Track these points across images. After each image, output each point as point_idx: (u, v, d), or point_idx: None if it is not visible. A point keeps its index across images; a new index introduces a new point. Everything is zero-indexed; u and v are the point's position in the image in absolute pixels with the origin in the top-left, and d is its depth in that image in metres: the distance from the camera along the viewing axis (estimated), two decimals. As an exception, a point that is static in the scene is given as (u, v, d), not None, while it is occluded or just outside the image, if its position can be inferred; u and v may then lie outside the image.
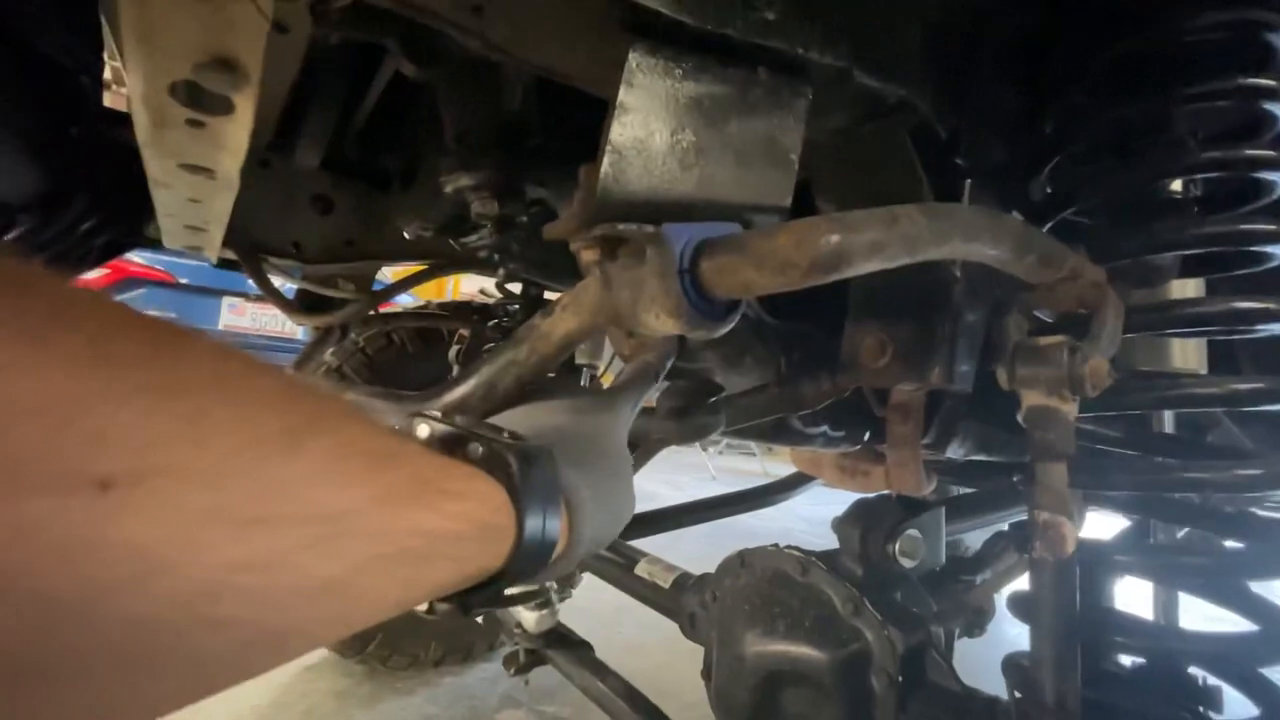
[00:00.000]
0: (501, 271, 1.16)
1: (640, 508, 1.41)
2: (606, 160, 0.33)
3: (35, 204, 0.62)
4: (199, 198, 0.55)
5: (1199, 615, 0.62)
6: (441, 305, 1.58)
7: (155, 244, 1.13)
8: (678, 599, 0.92)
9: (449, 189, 0.62)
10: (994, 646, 0.83)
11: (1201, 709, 0.55)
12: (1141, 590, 0.69)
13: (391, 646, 1.61)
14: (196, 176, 0.48)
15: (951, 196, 0.54)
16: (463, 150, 0.60)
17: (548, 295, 1.39)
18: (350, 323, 1.25)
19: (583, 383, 1.58)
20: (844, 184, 0.51)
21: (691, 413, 0.61)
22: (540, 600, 0.84)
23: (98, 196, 0.72)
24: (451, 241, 0.90)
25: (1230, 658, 0.55)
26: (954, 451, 1.29)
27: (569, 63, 0.38)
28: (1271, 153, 0.45)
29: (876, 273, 0.54)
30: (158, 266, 3.26)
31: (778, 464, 6.36)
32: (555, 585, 0.88)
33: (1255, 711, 0.55)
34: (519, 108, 0.58)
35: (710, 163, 0.35)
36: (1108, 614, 0.64)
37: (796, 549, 0.75)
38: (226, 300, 3.46)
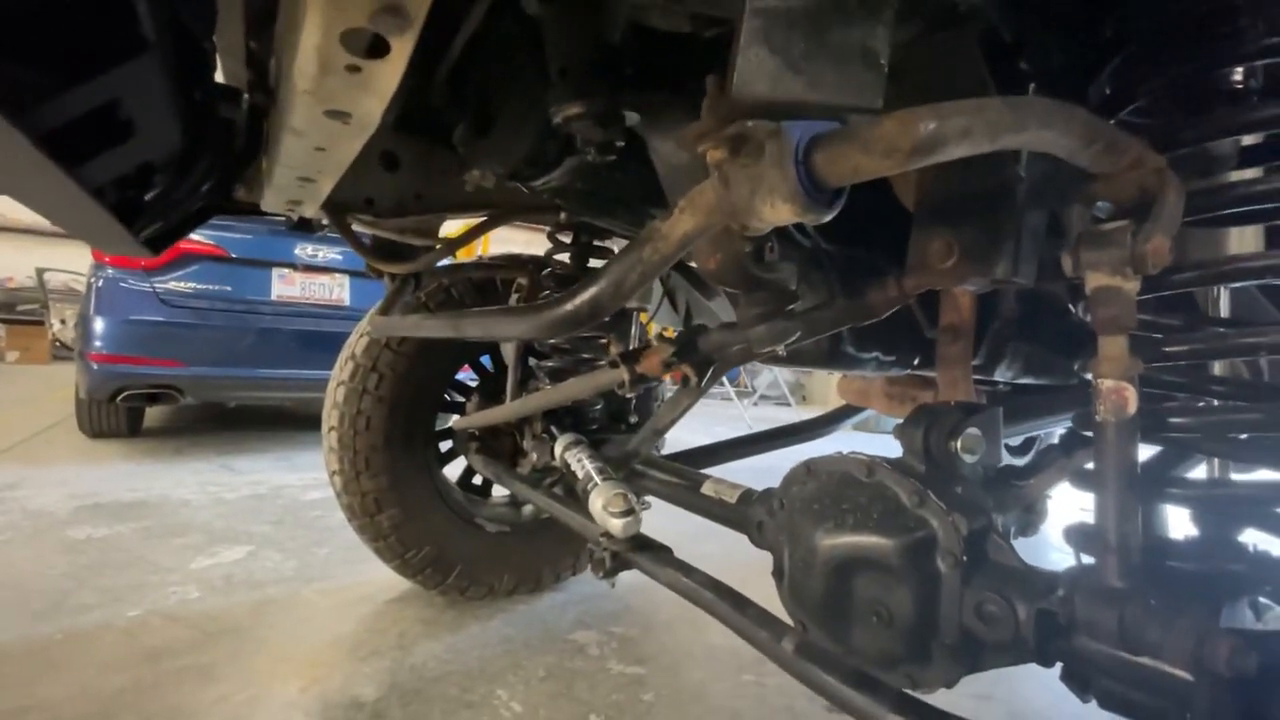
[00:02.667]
0: (563, 215, 1.22)
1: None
2: (736, 67, 0.38)
3: (171, 164, 0.70)
4: (327, 145, 0.62)
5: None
6: (494, 258, 1.65)
7: (234, 209, 1.22)
8: (744, 511, 0.99)
9: (559, 118, 0.67)
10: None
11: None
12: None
13: (470, 577, 1.74)
14: (334, 122, 0.54)
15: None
16: (568, 83, 0.65)
17: (597, 243, 1.45)
18: (425, 271, 1.33)
19: (631, 325, 1.65)
20: (920, 89, 0.55)
21: (772, 318, 0.66)
22: (625, 508, 0.93)
23: (216, 158, 0.79)
24: (521, 186, 0.96)
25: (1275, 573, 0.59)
26: (1002, 373, 1.33)
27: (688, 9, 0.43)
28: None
29: (945, 179, 0.59)
30: (210, 242, 3.41)
31: (811, 412, 6.42)
32: (635, 495, 0.96)
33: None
34: (618, 40, 0.63)
35: (816, 68, 0.40)
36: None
37: (861, 453, 0.81)
38: (276, 271, 3.60)
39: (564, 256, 1.44)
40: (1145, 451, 0.76)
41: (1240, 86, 0.54)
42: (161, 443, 3.77)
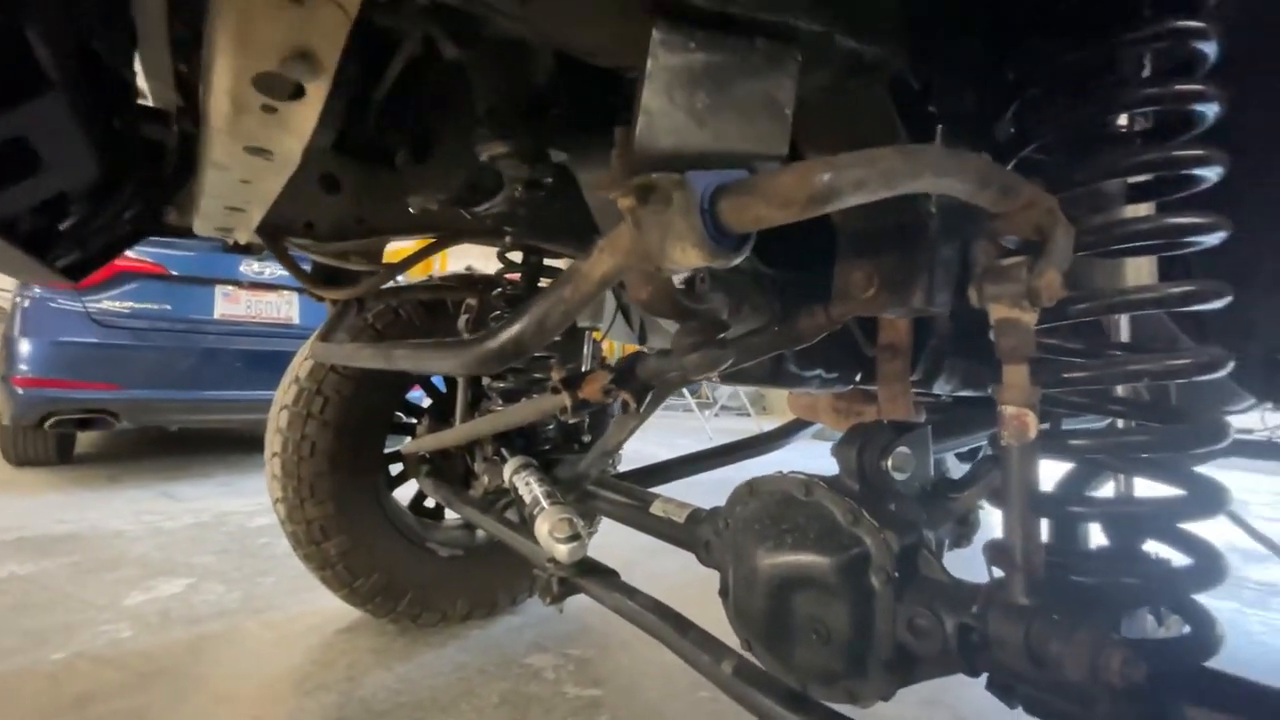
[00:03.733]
0: (506, 240, 1.22)
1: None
2: (639, 122, 0.40)
3: (89, 193, 0.67)
4: (251, 179, 0.61)
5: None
6: (444, 278, 1.63)
7: (166, 232, 1.18)
8: (693, 530, 1.00)
9: (484, 157, 0.68)
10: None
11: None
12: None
13: (422, 604, 1.70)
14: (255, 158, 0.53)
15: (925, 141, 0.61)
16: (495, 121, 0.66)
17: (547, 262, 1.45)
18: (367, 295, 1.31)
19: (584, 345, 1.66)
20: (829, 135, 0.57)
21: (704, 347, 0.68)
22: (571, 534, 0.93)
23: (138, 185, 0.77)
24: (463, 212, 0.96)
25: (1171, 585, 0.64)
26: (940, 387, 1.38)
27: (598, 41, 0.44)
28: (1197, 87, 0.52)
29: (863, 214, 0.61)
30: (148, 259, 3.27)
31: (772, 422, 6.51)
32: (583, 519, 0.96)
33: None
34: (544, 81, 0.64)
35: (720, 120, 0.41)
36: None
37: (800, 473, 0.83)
38: (220, 289, 3.47)
39: (516, 275, 1.44)
40: (1062, 468, 0.80)
41: (1125, 130, 0.58)
42: (95, 470, 3.58)
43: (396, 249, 1.44)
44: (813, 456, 1.27)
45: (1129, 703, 0.49)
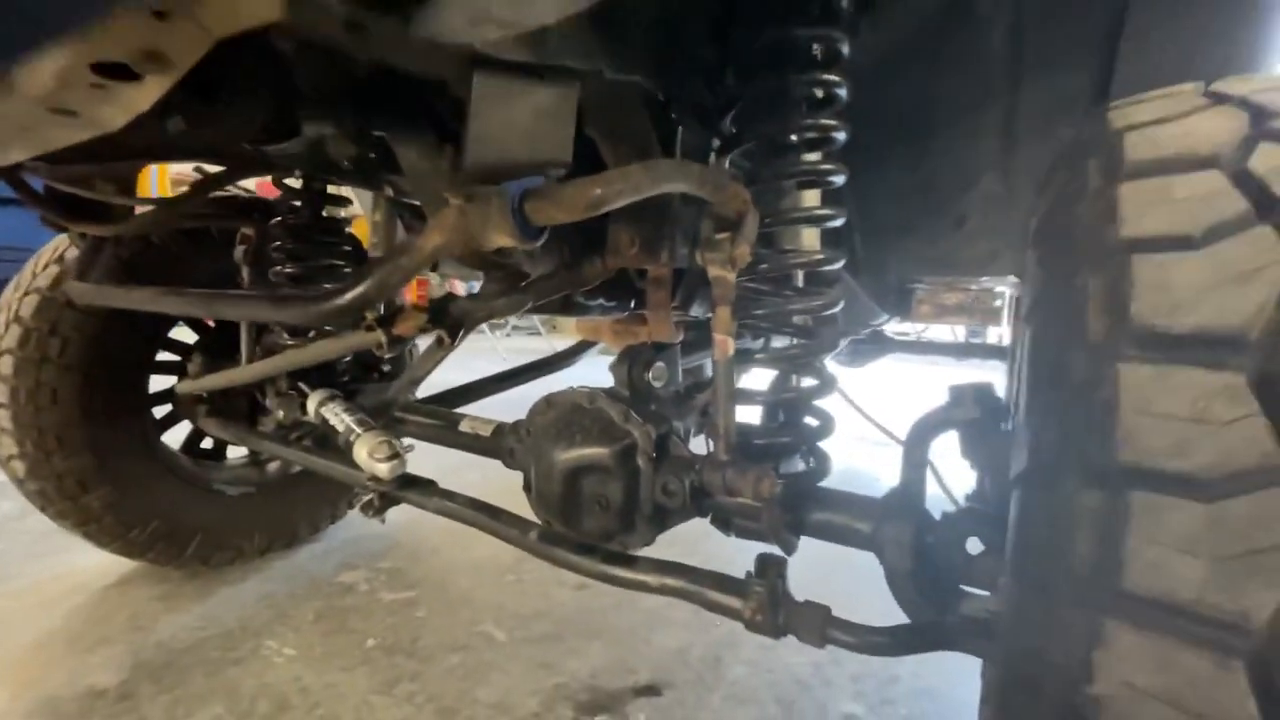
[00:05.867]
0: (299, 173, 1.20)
1: (443, 389, 1.62)
2: (468, 146, 0.53)
3: None
4: (32, 127, 0.57)
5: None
6: (214, 199, 1.49)
7: None
8: (498, 441, 1.19)
9: (311, 134, 0.71)
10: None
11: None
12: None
13: (213, 545, 1.66)
14: (57, 115, 0.52)
15: (672, 136, 0.82)
16: (320, 102, 0.69)
17: (331, 190, 1.43)
18: (130, 230, 1.18)
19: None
20: (608, 137, 0.75)
21: (509, 293, 0.84)
22: (391, 453, 1.05)
23: None
24: (254, 147, 0.94)
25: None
26: (695, 310, 1.72)
27: (429, 72, 0.54)
28: (833, 121, 0.80)
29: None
30: None
31: (562, 340, 6.84)
32: (398, 440, 1.09)
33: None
34: (370, 74, 0.69)
35: (525, 139, 0.56)
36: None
37: (586, 387, 1.05)
38: None
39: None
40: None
41: (793, 143, 0.86)
42: None
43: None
44: (597, 369, 1.52)
45: (779, 510, 0.81)
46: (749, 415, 0.97)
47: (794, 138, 0.85)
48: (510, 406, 1.28)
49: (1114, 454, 0.35)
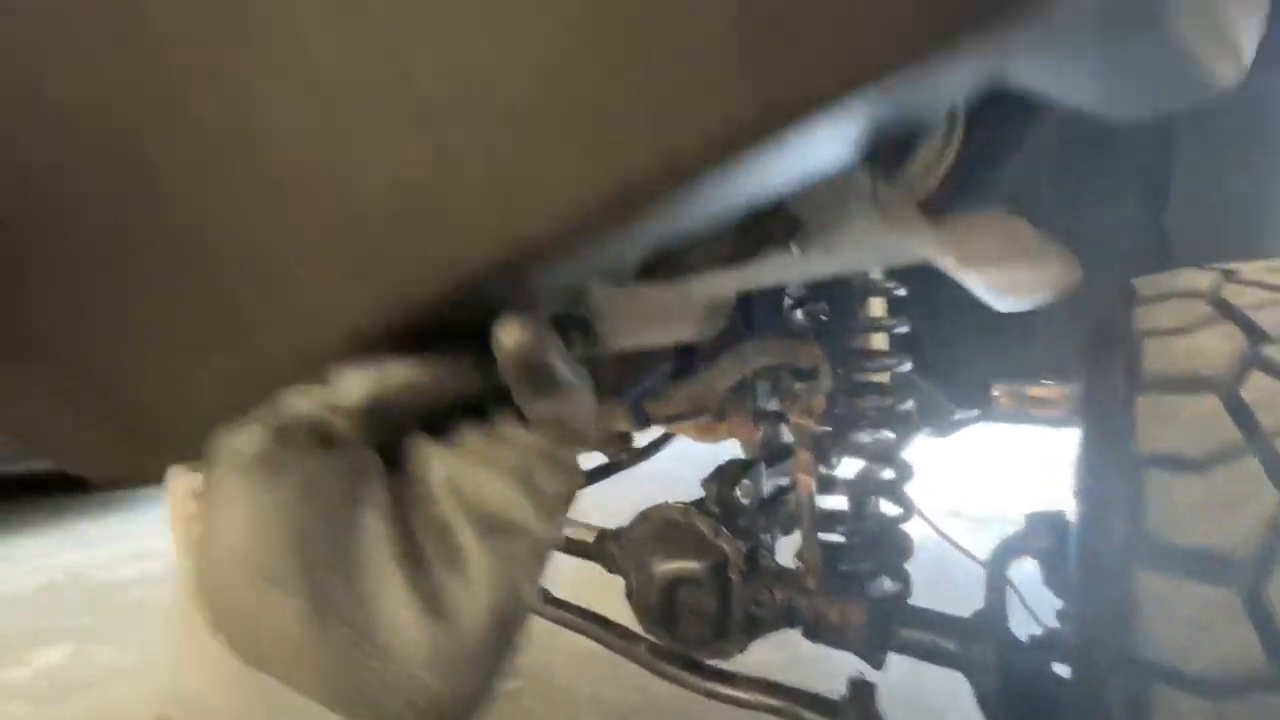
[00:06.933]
0: None
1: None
2: None
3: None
4: None
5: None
6: None
7: None
8: (600, 547, 1.31)
9: None
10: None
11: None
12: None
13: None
14: None
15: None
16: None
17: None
18: None
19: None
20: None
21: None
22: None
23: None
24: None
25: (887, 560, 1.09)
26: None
27: None
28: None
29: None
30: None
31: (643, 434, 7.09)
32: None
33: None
34: None
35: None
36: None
37: (680, 503, 1.17)
38: None
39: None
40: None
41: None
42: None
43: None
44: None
45: (868, 630, 0.89)
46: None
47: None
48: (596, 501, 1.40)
49: (1137, 650, 0.43)
